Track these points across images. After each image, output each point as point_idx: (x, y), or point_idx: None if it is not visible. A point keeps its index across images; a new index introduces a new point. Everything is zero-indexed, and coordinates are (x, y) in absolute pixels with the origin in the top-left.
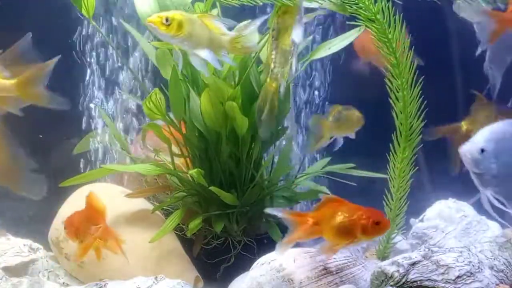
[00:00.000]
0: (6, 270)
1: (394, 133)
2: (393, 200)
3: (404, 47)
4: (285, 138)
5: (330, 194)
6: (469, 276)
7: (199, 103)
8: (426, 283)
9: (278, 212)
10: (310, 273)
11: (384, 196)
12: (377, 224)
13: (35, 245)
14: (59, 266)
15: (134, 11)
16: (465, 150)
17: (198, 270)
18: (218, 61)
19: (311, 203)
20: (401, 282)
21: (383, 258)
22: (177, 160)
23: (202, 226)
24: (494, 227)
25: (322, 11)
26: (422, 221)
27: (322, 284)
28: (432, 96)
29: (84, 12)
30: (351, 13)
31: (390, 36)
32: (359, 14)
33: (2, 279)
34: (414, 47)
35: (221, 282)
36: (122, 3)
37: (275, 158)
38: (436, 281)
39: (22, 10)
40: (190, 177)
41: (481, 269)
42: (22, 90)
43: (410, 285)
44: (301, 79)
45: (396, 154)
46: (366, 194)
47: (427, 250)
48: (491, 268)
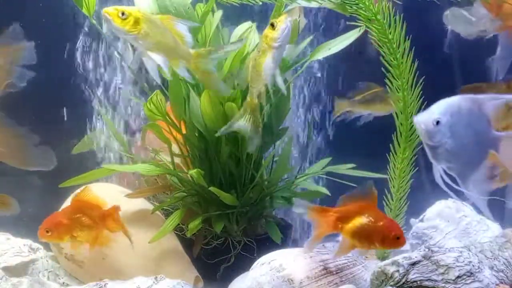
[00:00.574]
0: (6, 270)
1: (394, 133)
2: (393, 200)
3: (404, 48)
4: (285, 138)
5: (329, 194)
6: (469, 276)
7: (199, 104)
8: (426, 283)
9: (303, 206)
10: (310, 273)
11: (384, 196)
12: (397, 238)
13: (35, 245)
14: (59, 266)
15: None
16: (419, 120)
17: (198, 270)
18: (185, 70)
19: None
20: (401, 282)
21: (383, 258)
22: (177, 160)
23: (202, 226)
24: (494, 227)
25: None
26: (422, 221)
27: (322, 284)
28: (432, 96)
29: (84, 10)
30: (351, 13)
31: (390, 36)
32: (359, 15)
33: (2, 279)
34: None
35: (221, 282)
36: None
37: (275, 158)
38: (436, 281)
39: (22, 9)
40: (190, 177)
41: (481, 269)
42: None
43: (410, 285)
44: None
45: (396, 155)
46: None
47: (427, 250)
48: (491, 268)
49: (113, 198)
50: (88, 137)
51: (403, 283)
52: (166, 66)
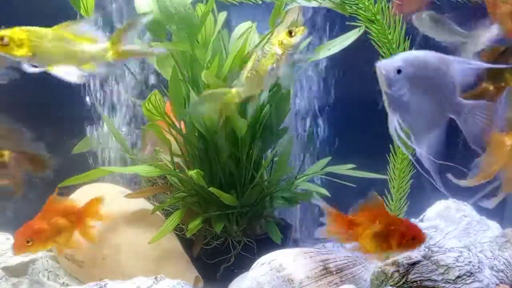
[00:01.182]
0: (6, 270)
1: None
2: (393, 200)
3: (404, 48)
4: (285, 138)
5: (329, 195)
6: (469, 276)
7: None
8: (426, 283)
9: (321, 203)
10: (310, 273)
11: (384, 196)
12: (413, 239)
13: None
14: (59, 266)
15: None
16: (381, 65)
17: (198, 270)
18: (82, 75)
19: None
20: (401, 282)
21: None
22: (177, 159)
23: (202, 227)
24: (494, 227)
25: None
26: (422, 221)
27: (322, 284)
28: None
29: (83, 12)
30: (351, 13)
31: (390, 37)
32: (359, 15)
33: (2, 279)
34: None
35: (221, 282)
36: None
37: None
38: (436, 281)
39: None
40: (190, 177)
41: (481, 269)
42: None
43: (410, 285)
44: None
45: (396, 155)
46: (366, 195)
47: (427, 250)
48: (491, 268)
49: (113, 198)
50: (88, 137)
51: (403, 283)
52: (77, 75)
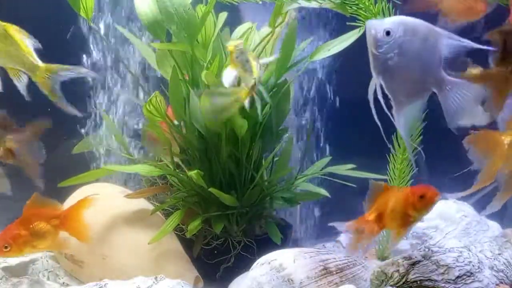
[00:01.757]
0: (6, 270)
1: (395, 134)
2: None
3: None
4: (285, 139)
5: (329, 195)
6: (469, 276)
7: (199, 104)
8: (426, 283)
9: (341, 227)
10: (310, 273)
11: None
12: (422, 197)
13: None
14: (59, 266)
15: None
16: (371, 24)
17: (198, 270)
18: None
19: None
20: (401, 282)
21: (383, 258)
22: (176, 159)
23: (202, 227)
24: (494, 227)
25: None
26: (422, 221)
27: (322, 284)
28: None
29: (82, 14)
30: (351, 13)
31: None
32: (359, 15)
33: (2, 279)
34: None
35: (221, 282)
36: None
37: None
38: (436, 281)
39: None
40: (190, 178)
41: (481, 269)
42: None
43: (410, 285)
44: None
45: (396, 155)
46: (365, 195)
47: (427, 250)
48: (491, 268)
49: (113, 198)
50: (88, 137)
51: (403, 283)
52: None
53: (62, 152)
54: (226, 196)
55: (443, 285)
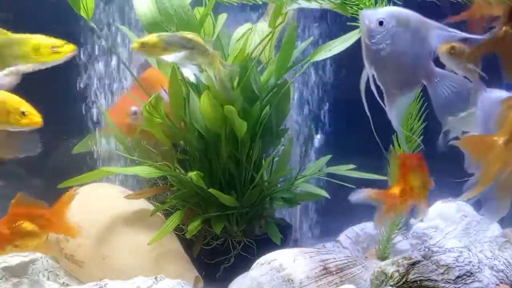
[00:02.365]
0: (6, 270)
1: (395, 134)
2: None
3: None
4: (285, 139)
5: (328, 196)
6: (469, 276)
7: (199, 104)
8: (426, 283)
9: (360, 194)
10: (310, 273)
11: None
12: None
13: None
14: (59, 266)
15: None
16: (365, 14)
17: (198, 270)
18: None
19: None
20: (401, 282)
21: (383, 258)
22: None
23: (202, 227)
24: (494, 227)
25: None
26: (422, 221)
27: (322, 284)
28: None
29: (83, 14)
30: (352, 13)
31: None
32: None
33: (2, 279)
34: None
35: (221, 282)
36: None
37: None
38: (436, 281)
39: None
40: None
41: (481, 269)
42: None
43: (410, 285)
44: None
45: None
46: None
47: (427, 250)
48: (491, 268)
49: (113, 199)
50: (88, 137)
51: (403, 283)
52: None
53: (62, 152)
54: (226, 196)
55: (443, 285)
